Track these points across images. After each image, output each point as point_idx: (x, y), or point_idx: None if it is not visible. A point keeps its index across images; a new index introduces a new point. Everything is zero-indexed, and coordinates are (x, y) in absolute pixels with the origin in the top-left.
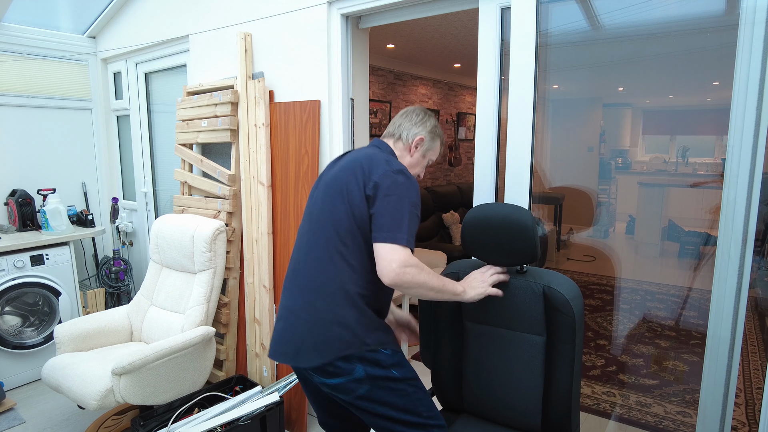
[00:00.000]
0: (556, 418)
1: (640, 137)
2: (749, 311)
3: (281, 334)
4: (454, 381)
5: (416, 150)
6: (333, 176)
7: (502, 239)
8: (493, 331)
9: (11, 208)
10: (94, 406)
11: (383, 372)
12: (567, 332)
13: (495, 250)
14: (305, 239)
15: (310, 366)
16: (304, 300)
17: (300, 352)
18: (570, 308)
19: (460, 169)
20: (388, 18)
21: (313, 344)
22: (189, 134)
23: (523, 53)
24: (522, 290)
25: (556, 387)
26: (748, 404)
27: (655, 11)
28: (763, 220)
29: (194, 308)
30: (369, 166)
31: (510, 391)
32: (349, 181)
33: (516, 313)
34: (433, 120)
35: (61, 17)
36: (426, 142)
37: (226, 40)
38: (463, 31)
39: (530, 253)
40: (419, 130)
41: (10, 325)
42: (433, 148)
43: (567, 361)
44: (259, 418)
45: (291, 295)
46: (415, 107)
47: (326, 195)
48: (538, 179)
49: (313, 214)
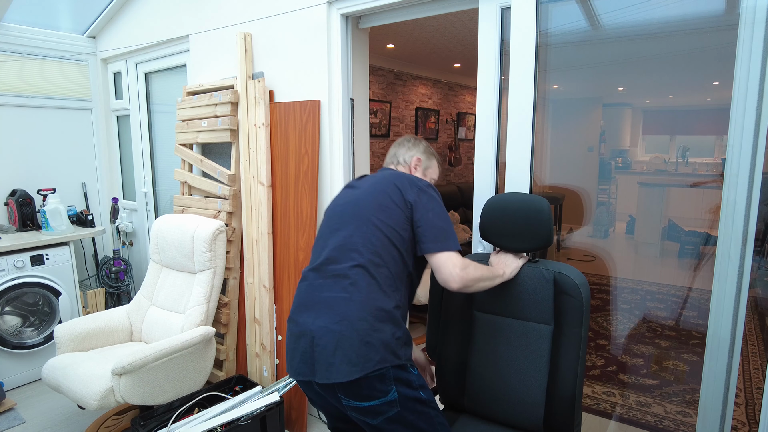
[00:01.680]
0: (559, 412)
1: (640, 137)
2: (749, 311)
3: (308, 351)
4: (458, 373)
5: (416, 170)
6: (364, 192)
7: (519, 223)
8: (501, 322)
9: (11, 208)
10: (94, 406)
11: (413, 393)
12: (575, 316)
13: (512, 235)
14: (328, 254)
15: (345, 381)
16: (336, 312)
17: (332, 368)
18: (579, 292)
19: (460, 169)
20: (388, 18)
21: (346, 358)
22: (189, 134)
23: (523, 53)
24: (533, 277)
25: (561, 378)
26: (748, 404)
27: (655, 11)
28: (763, 219)
29: (194, 308)
30: (401, 182)
31: (514, 384)
32: (383, 197)
33: (526, 302)
34: (424, 143)
35: (61, 17)
36: (423, 162)
37: (226, 40)
38: (463, 31)
39: (545, 237)
40: (414, 152)
41: (10, 325)
42: (431, 167)
43: (573, 348)
44: (259, 418)
45: (312, 309)
46: (403, 137)
47: (355, 209)
48: (538, 179)
49: (337, 228)
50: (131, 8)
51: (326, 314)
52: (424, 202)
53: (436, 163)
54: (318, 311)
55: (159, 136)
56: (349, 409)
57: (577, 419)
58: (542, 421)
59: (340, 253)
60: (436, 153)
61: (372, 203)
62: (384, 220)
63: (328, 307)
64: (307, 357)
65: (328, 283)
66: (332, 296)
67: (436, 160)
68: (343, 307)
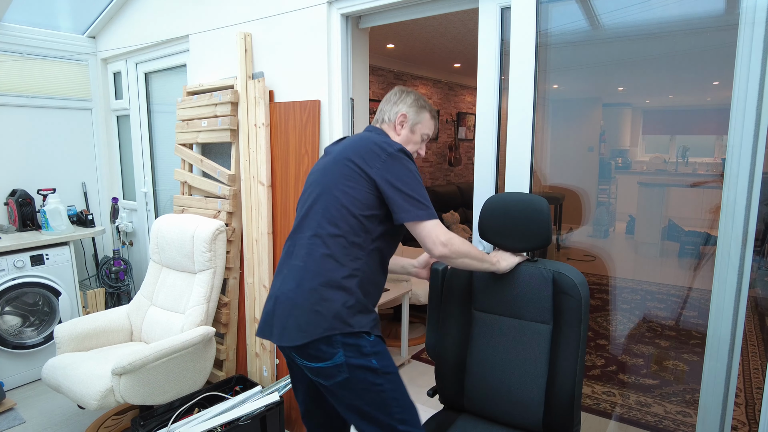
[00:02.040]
0: (558, 412)
1: (640, 137)
2: (749, 311)
3: (270, 313)
4: (458, 373)
5: (402, 127)
6: (332, 160)
7: (519, 223)
8: (500, 321)
9: (11, 208)
10: (94, 406)
11: (362, 361)
12: (573, 316)
13: (511, 234)
14: (299, 222)
15: (293, 345)
16: (294, 280)
17: (284, 331)
18: (578, 291)
19: (460, 168)
20: (388, 18)
21: (296, 324)
22: (189, 134)
23: (523, 53)
24: (532, 276)
25: (560, 378)
26: (748, 404)
27: (655, 11)
28: (763, 219)
29: (194, 308)
30: (365, 152)
31: (513, 383)
32: (346, 166)
33: (525, 301)
34: (413, 95)
35: (61, 17)
36: (410, 117)
37: (226, 40)
38: (463, 31)
39: (544, 236)
40: (399, 107)
41: (10, 325)
42: (422, 121)
43: (572, 348)
44: (259, 418)
45: (282, 274)
46: (394, 89)
47: (322, 177)
48: (538, 179)
49: (308, 197)
50: (131, 8)
51: (288, 281)
52: (390, 171)
53: (429, 116)
54: (283, 277)
55: (159, 136)
56: (305, 369)
57: (577, 419)
58: (541, 421)
59: (303, 222)
60: (429, 104)
61: (336, 172)
62: (346, 190)
63: (290, 275)
64: (268, 318)
65: (294, 251)
66: (293, 264)
67: (428, 113)
68: (299, 275)
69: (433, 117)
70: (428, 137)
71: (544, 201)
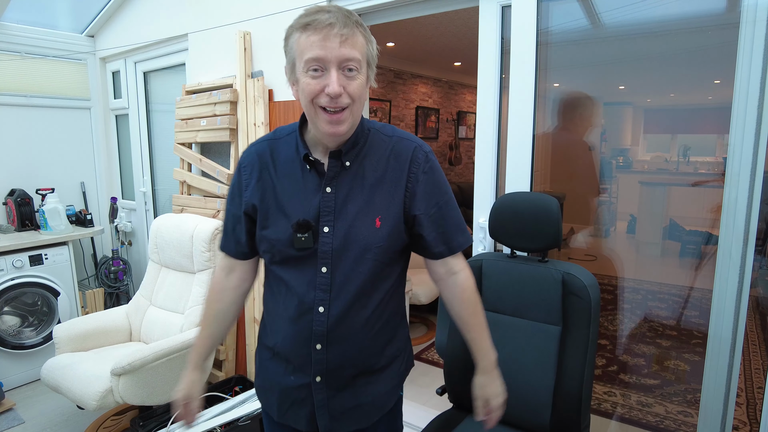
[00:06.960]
0: (566, 413)
1: (641, 136)
2: (750, 310)
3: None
4: (466, 372)
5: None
6: None
7: (528, 223)
8: (509, 321)
9: (10, 208)
10: (94, 407)
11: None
12: (583, 318)
13: (521, 234)
14: None
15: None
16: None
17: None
18: (587, 293)
19: (460, 168)
20: (387, 16)
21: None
22: (188, 133)
23: (523, 51)
24: (542, 277)
25: (568, 380)
26: (749, 404)
27: (656, 9)
28: (764, 219)
29: (194, 308)
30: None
31: (521, 384)
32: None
33: (535, 301)
34: (287, 30)
35: (60, 16)
36: (288, 60)
37: (225, 39)
38: (463, 30)
39: (554, 237)
40: (285, 60)
41: (9, 325)
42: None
43: (581, 350)
44: (258, 418)
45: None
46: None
47: None
48: (539, 178)
49: None
50: (130, 7)
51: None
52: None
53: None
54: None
55: (158, 136)
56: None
57: (585, 422)
58: (549, 422)
59: None
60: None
61: None
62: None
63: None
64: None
65: None
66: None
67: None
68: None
69: (307, 29)
70: (315, 59)
71: (554, 201)
